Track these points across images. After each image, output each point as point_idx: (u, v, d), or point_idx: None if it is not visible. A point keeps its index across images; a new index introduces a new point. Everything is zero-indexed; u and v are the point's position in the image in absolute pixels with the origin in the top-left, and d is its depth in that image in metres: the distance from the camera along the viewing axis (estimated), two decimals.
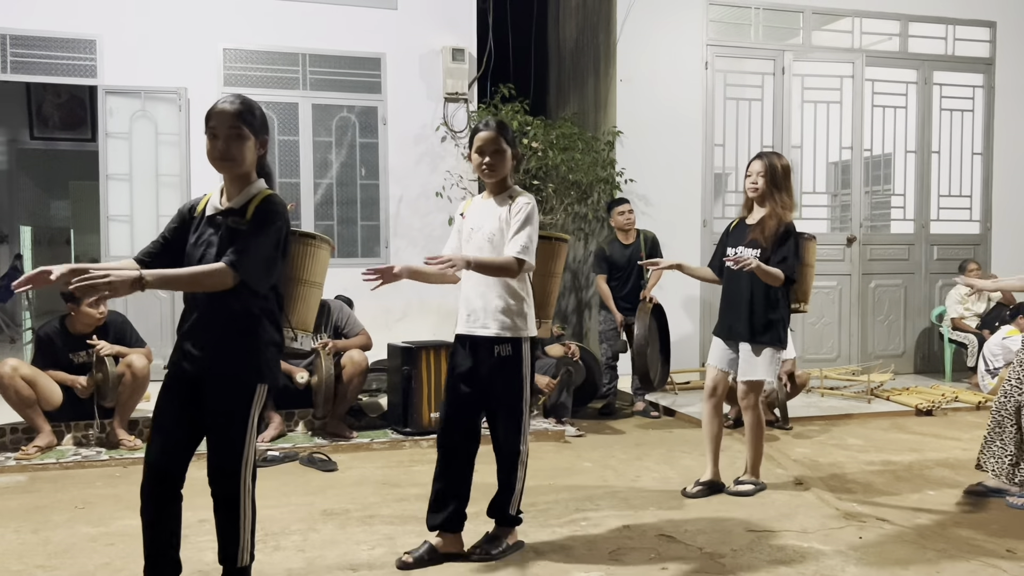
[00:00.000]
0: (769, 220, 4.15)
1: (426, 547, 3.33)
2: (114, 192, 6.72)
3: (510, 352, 3.29)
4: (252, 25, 6.92)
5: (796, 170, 8.08)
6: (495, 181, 3.32)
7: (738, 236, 4.30)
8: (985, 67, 8.42)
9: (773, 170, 4.17)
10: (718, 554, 3.43)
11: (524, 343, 3.32)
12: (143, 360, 5.01)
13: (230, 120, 2.63)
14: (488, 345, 3.29)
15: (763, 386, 4.30)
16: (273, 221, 2.66)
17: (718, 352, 4.34)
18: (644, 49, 7.55)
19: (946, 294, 8.07)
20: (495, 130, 3.28)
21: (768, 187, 4.17)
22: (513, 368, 3.32)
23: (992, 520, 3.88)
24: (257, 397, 2.73)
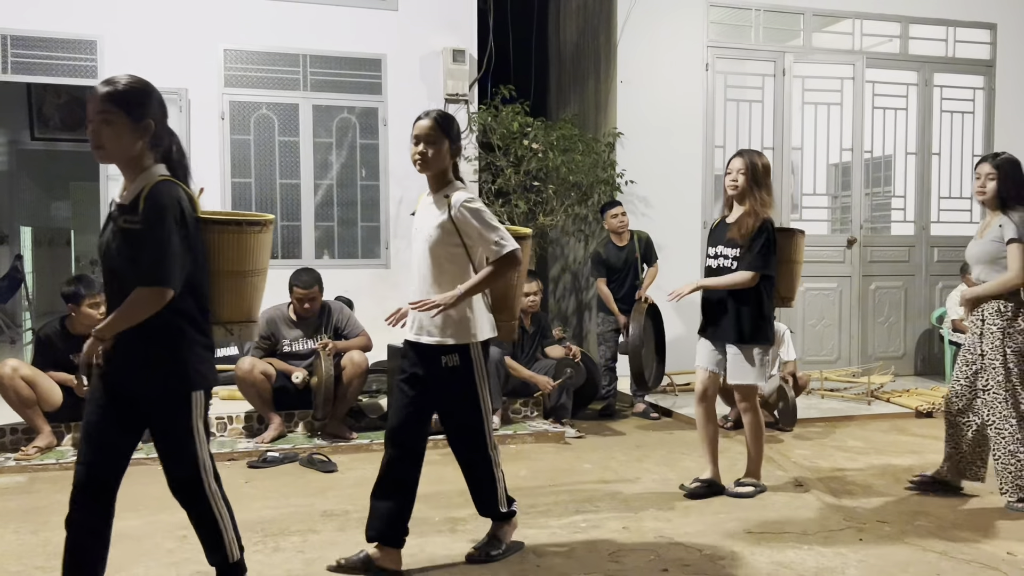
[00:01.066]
0: (747, 218, 4.11)
1: (362, 556, 3.21)
2: (115, 193, 6.68)
3: (458, 362, 3.14)
4: (253, 26, 6.92)
5: (796, 172, 8.10)
6: (430, 175, 3.17)
7: (718, 235, 4.27)
8: (986, 69, 8.42)
9: (754, 168, 4.13)
10: (718, 556, 3.42)
11: (473, 348, 3.16)
12: None
13: (98, 104, 2.38)
14: (434, 355, 3.15)
15: (758, 389, 4.28)
16: (163, 215, 2.39)
17: (705, 353, 4.30)
18: (644, 51, 7.55)
19: (946, 296, 8.07)
20: (433, 119, 3.12)
21: (748, 185, 4.13)
22: (464, 378, 3.16)
23: (992, 523, 3.88)
24: (195, 405, 2.57)
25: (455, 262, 3.15)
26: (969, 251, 4.20)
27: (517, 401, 6.02)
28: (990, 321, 4.03)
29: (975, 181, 4.19)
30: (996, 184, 4.06)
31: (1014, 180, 4.07)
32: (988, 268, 4.05)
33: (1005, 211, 4.02)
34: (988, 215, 4.15)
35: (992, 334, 4.01)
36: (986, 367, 4.04)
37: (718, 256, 4.21)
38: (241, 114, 6.94)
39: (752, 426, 4.29)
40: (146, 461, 4.91)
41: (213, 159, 6.87)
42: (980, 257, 4.09)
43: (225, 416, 5.48)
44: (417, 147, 3.11)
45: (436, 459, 5.09)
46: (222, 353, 6.59)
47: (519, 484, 4.55)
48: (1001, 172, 4.07)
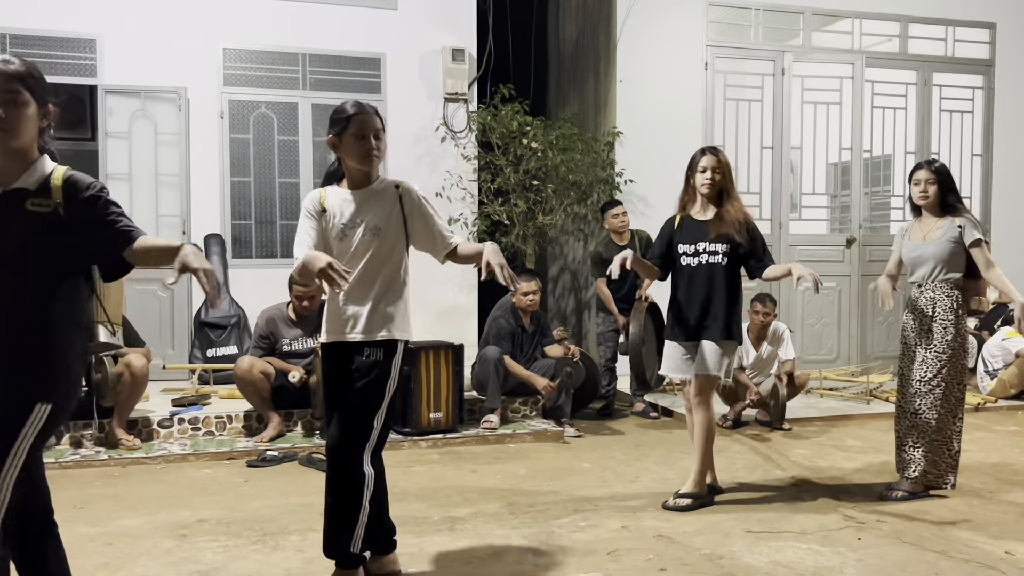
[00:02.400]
0: (734, 214, 4.05)
1: None
2: (113, 192, 6.51)
3: (380, 356, 2.93)
4: (252, 25, 6.92)
5: (796, 171, 8.10)
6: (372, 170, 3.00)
7: (694, 233, 4.10)
8: (985, 68, 8.43)
9: (727, 165, 4.13)
10: (717, 555, 3.42)
11: (398, 347, 2.98)
12: (142, 360, 5.01)
13: (5, 82, 2.19)
14: (359, 349, 2.94)
15: (715, 383, 4.14)
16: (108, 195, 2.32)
17: (674, 362, 4.19)
18: (644, 50, 7.55)
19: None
20: (375, 113, 2.98)
21: (723, 182, 4.08)
22: (379, 374, 2.92)
23: (991, 522, 3.88)
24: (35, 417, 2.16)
25: (398, 254, 3.01)
26: (919, 254, 4.29)
27: (516, 400, 6.02)
28: (943, 317, 4.20)
29: (914, 187, 4.36)
30: (936, 188, 4.27)
31: (951, 185, 4.33)
32: (942, 267, 4.22)
33: (951, 214, 4.25)
34: (926, 219, 4.32)
35: (945, 328, 4.19)
36: (928, 360, 4.22)
37: (701, 253, 4.06)
38: (240, 113, 6.94)
39: (702, 424, 4.11)
40: (144, 461, 4.92)
41: (212, 158, 6.88)
42: (939, 257, 4.22)
43: (224, 415, 5.48)
44: (374, 142, 2.94)
45: (435, 459, 5.10)
46: (222, 352, 6.61)
47: (518, 483, 4.55)
48: (940, 178, 4.30)
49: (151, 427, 5.32)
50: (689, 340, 4.13)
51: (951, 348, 4.20)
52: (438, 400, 5.48)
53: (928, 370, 4.22)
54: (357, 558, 2.96)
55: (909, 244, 4.36)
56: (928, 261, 4.25)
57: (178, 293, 6.79)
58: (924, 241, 4.28)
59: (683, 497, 4.06)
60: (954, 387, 4.25)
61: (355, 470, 2.89)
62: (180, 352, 6.76)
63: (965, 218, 4.21)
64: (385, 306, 2.95)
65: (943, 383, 4.21)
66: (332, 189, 3.05)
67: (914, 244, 4.32)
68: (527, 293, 5.87)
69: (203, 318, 6.68)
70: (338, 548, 2.94)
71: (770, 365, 6.12)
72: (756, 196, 7.90)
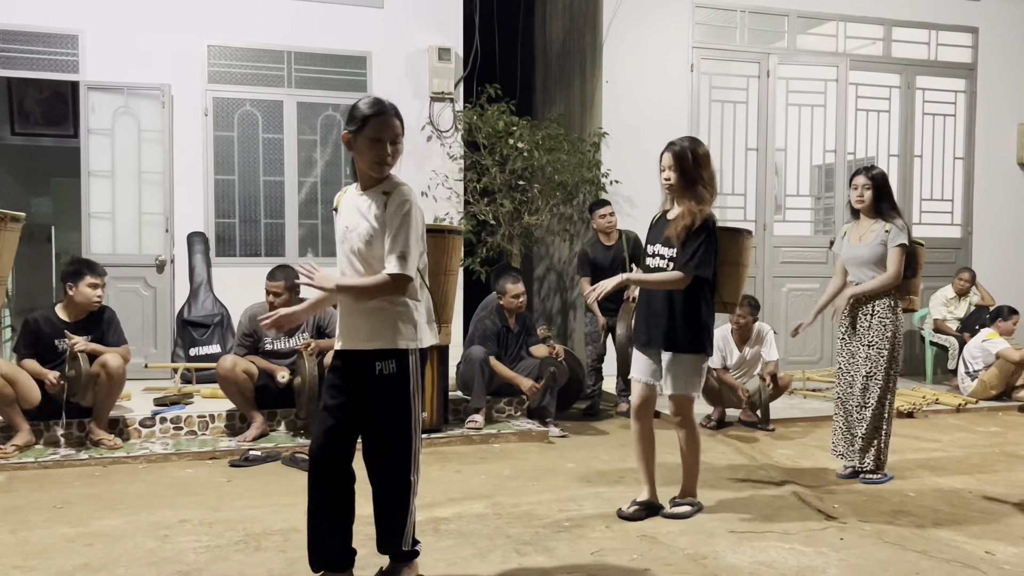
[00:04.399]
0: (683, 217, 3.78)
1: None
2: (96, 189, 6.66)
3: (394, 369, 2.84)
4: (237, 22, 6.88)
5: (780, 173, 8.14)
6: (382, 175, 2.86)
7: (657, 232, 3.96)
8: (967, 72, 8.50)
9: (683, 161, 3.79)
10: (700, 555, 3.43)
11: (411, 355, 2.87)
12: (118, 359, 4.96)
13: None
14: (368, 360, 2.84)
15: (693, 400, 3.95)
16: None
17: (641, 364, 3.99)
18: (630, 51, 7.57)
19: (928, 297, 8.14)
20: (398, 117, 2.84)
21: (680, 181, 3.81)
22: (398, 387, 2.86)
23: (971, 521, 3.91)
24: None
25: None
26: (854, 254, 4.57)
27: (501, 400, 6.02)
28: (882, 315, 4.48)
29: (852, 191, 4.60)
30: (872, 194, 4.51)
31: (887, 192, 4.56)
32: (874, 269, 4.49)
33: (884, 219, 4.50)
34: (862, 222, 4.60)
35: (884, 325, 4.47)
36: (872, 356, 4.49)
37: (655, 255, 3.89)
38: (225, 111, 6.90)
39: (688, 440, 3.99)
40: (126, 460, 4.88)
41: (196, 156, 6.83)
42: (870, 259, 4.50)
43: (207, 415, 5.44)
44: (390, 147, 2.80)
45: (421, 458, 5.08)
46: (205, 351, 6.57)
47: (502, 483, 4.55)
48: (876, 184, 4.52)
49: (133, 426, 5.28)
50: (649, 347, 3.94)
51: (891, 343, 4.48)
52: (430, 401, 5.46)
53: (874, 365, 4.50)
54: (410, 553, 3.06)
55: (848, 246, 4.65)
56: (863, 263, 4.55)
57: (160, 291, 6.74)
58: (860, 243, 4.57)
59: (679, 505, 4.00)
60: (894, 378, 4.55)
61: (405, 483, 2.95)
62: (163, 351, 6.71)
63: (894, 224, 4.49)
64: (383, 313, 2.84)
65: (887, 375, 4.50)
66: (351, 188, 2.97)
67: (852, 246, 4.62)
68: (514, 295, 5.87)
69: (186, 317, 6.64)
70: (393, 547, 3.03)
71: (754, 366, 6.15)
72: (741, 197, 7.94)
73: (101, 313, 5.17)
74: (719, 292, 3.97)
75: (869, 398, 4.52)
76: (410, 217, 2.78)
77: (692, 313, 3.80)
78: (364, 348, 2.85)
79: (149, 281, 6.73)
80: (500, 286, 5.95)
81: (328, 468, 2.93)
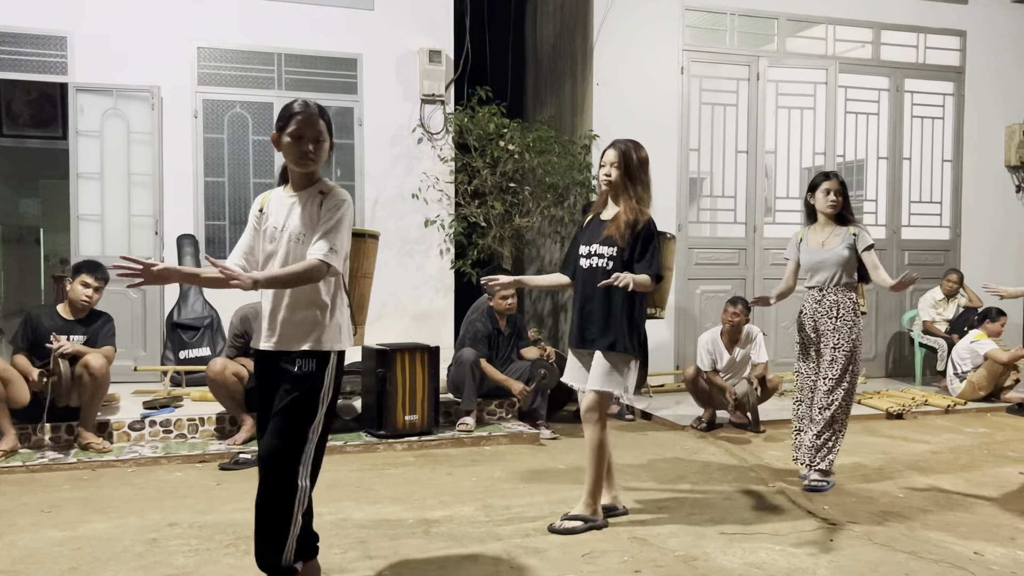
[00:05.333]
0: (625, 215, 3.75)
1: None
2: (84, 191, 6.63)
3: (312, 367, 2.84)
4: (227, 24, 6.86)
5: (770, 175, 8.17)
6: (308, 172, 2.88)
7: (592, 233, 3.86)
8: (955, 75, 8.55)
9: (627, 160, 3.76)
10: (691, 557, 3.44)
11: (332, 357, 2.88)
12: (101, 360, 4.94)
13: None
14: (289, 360, 2.85)
15: (611, 399, 3.81)
16: None
17: (574, 372, 3.93)
18: (621, 53, 7.58)
19: (917, 299, 8.18)
20: (317, 114, 2.85)
21: (622, 179, 3.78)
22: (311, 385, 2.84)
23: (960, 523, 3.93)
24: None
25: None
26: (819, 259, 4.54)
27: (492, 402, 6.01)
28: (846, 317, 4.46)
29: (823, 196, 4.58)
30: (841, 199, 4.56)
31: (847, 197, 4.61)
32: (841, 273, 4.49)
33: (846, 224, 4.54)
34: (821, 227, 4.59)
35: (850, 327, 4.45)
36: (837, 359, 4.46)
37: (591, 255, 3.79)
38: (215, 113, 6.88)
39: (594, 442, 3.79)
40: (115, 464, 4.85)
41: (186, 158, 6.81)
42: (839, 263, 4.49)
43: (197, 418, 5.42)
44: (306, 145, 2.82)
45: (410, 461, 5.08)
46: (195, 354, 6.54)
47: (493, 486, 4.54)
48: (843, 189, 4.58)
49: (122, 429, 5.25)
50: (581, 347, 3.86)
51: (854, 345, 4.48)
52: (413, 402, 5.46)
53: (838, 368, 4.47)
54: (289, 571, 2.89)
55: (808, 251, 4.61)
56: (829, 267, 4.51)
57: (150, 294, 6.71)
58: (823, 248, 4.54)
59: (571, 519, 3.78)
60: (855, 380, 4.54)
61: (288, 482, 2.83)
62: (152, 354, 6.68)
63: (859, 227, 4.53)
64: (311, 315, 2.85)
65: (851, 377, 4.49)
66: (278, 190, 2.99)
67: (812, 251, 4.59)
68: (504, 297, 5.87)
69: (175, 319, 6.61)
70: (268, 562, 2.89)
71: (743, 368, 6.16)
72: (731, 200, 7.96)
73: (99, 316, 5.22)
74: (650, 296, 3.95)
75: (833, 400, 4.47)
76: (345, 217, 2.84)
77: (630, 315, 3.76)
78: (288, 349, 2.85)
79: None
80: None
81: None
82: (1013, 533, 3.79)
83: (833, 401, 4.48)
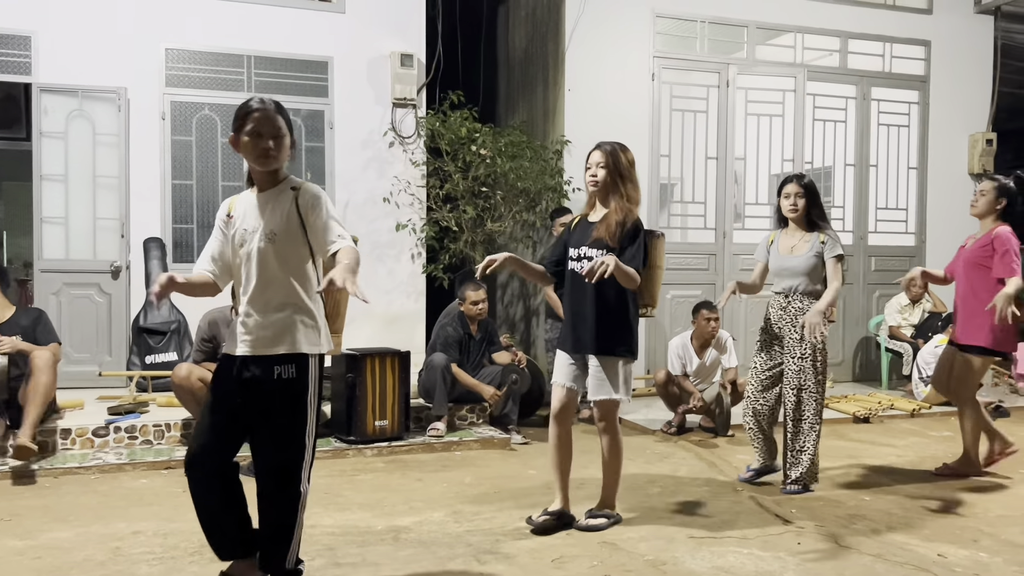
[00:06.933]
0: (615, 215, 3.73)
1: None
2: (48, 193, 6.51)
3: (293, 373, 2.79)
4: (196, 25, 6.78)
5: (740, 181, 8.24)
6: (268, 171, 2.82)
7: (581, 236, 3.85)
8: (920, 84, 8.70)
9: (615, 160, 3.77)
10: (660, 561, 3.45)
11: (312, 360, 2.84)
12: (45, 354, 4.86)
13: None
14: (267, 365, 2.78)
15: (619, 406, 3.84)
16: None
17: (563, 369, 3.89)
18: (592, 59, 7.61)
19: (884, 304, 8.29)
20: (274, 110, 2.79)
21: (610, 179, 3.77)
22: (296, 391, 2.81)
23: (924, 525, 3.99)
24: None
25: (297, 261, 2.82)
26: (786, 265, 4.53)
27: (463, 407, 6.00)
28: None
29: (784, 200, 4.56)
30: (805, 203, 4.50)
31: (818, 200, 4.56)
32: (807, 280, 4.47)
33: (816, 230, 4.50)
34: (791, 232, 4.57)
35: (815, 336, 4.35)
36: (805, 368, 4.44)
37: (581, 259, 3.78)
38: (183, 115, 6.80)
39: (611, 449, 3.88)
40: (78, 471, 4.77)
41: (153, 160, 6.72)
42: (805, 271, 4.47)
43: (163, 423, 5.34)
44: (265, 141, 2.75)
45: (380, 467, 5.05)
46: (161, 359, 6.45)
47: (464, 491, 4.53)
48: (808, 192, 4.52)
49: (85, 436, 5.16)
50: (575, 351, 3.86)
51: (821, 354, 4.46)
52: (384, 408, 5.43)
53: (806, 377, 4.46)
54: (293, 572, 2.91)
55: (776, 255, 4.59)
56: (796, 274, 4.50)
57: (115, 298, 6.61)
58: (791, 254, 4.53)
59: (595, 516, 3.91)
60: (823, 388, 4.52)
61: (293, 489, 2.82)
62: (118, 359, 6.58)
63: (828, 234, 4.49)
64: (287, 317, 2.79)
65: (819, 386, 4.47)
66: (245, 193, 2.93)
67: (781, 256, 4.56)
68: (475, 302, 5.86)
69: (142, 324, 6.51)
70: (274, 564, 2.88)
71: (713, 372, 6.20)
72: (701, 206, 8.02)
73: (29, 313, 5.10)
74: (640, 294, 3.89)
75: (805, 410, 4.46)
76: (329, 207, 2.81)
77: (623, 316, 3.76)
78: (266, 354, 2.79)
79: (104, 288, 6.60)
80: (462, 293, 5.94)
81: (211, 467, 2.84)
82: (976, 535, 3.85)
83: (804, 413, 4.47)
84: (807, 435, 4.48)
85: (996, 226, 4.79)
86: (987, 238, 4.78)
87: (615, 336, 3.75)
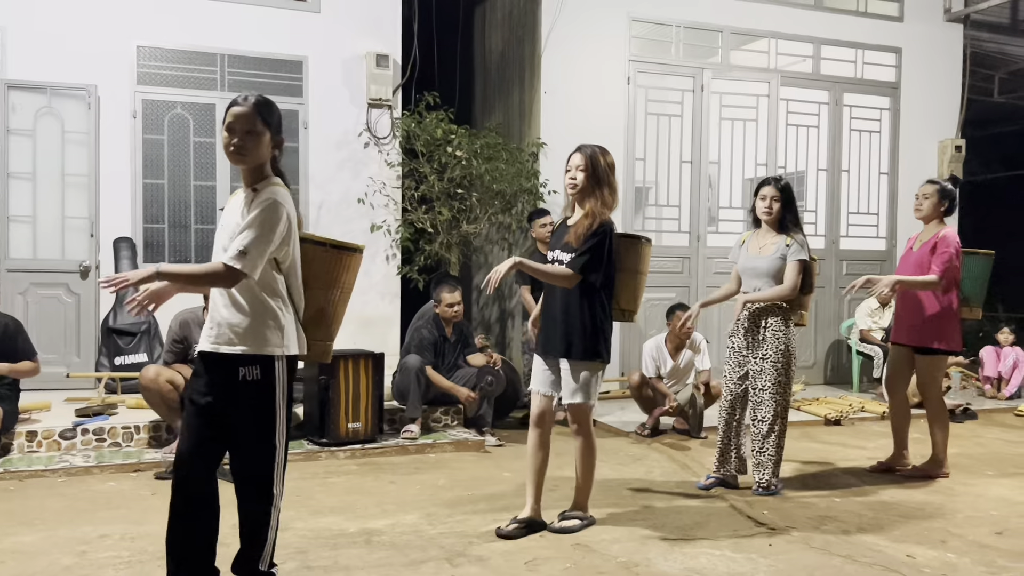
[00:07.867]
0: (585, 219, 3.73)
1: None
2: (16, 192, 6.40)
3: (258, 375, 2.75)
4: (168, 23, 6.70)
5: (714, 185, 8.29)
6: (246, 169, 2.79)
7: (557, 239, 3.90)
8: (891, 91, 8.81)
9: (594, 164, 3.77)
10: (633, 563, 3.45)
11: (278, 362, 2.78)
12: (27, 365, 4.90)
13: None
14: (231, 366, 2.75)
15: (591, 410, 3.85)
16: None
17: (539, 375, 3.92)
18: (568, 62, 7.63)
19: (855, 308, 8.38)
20: (252, 105, 2.75)
21: (588, 183, 3.77)
22: (263, 394, 2.77)
23: (894, 526, 4.03)
24: None
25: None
26: (752, 265, 4.56)
27: (437, 410, 5.97)
28: (775, 329, 4.45)
29: (760, 201, 4.59)
30: (780, 206, 4.52)
31: (793, 204, 4.58)
32: (771, 282, 4.49)
33: (787, 232, 4.50)
34: (763, 233, 4.59)
35: (777, 339, 4.43)
36: (766, 369, 4.46)
37: (554, 262, 3.80)
38: (154, 113, 6.72)
39: (584, 451, 3.89)
40: (44, 474, 4.69)
41: (124, 159, 6.63)
42: (769, 272, 4.48)
43: (132, 426, 5.27)
44: (233, 138, 2.73)
45: (353, 470, 5.02)
46: (131, 361, 6.36)
47: (437, 493, 4.51)
48: (784, 195, 4.55)
49: (52, 438, 5.07)
50: (547, 354, 3.87)
51: (784, 356, 4.46)
52: (357, 410, 5.39)
53: (768, 379, 4.47)
54: (266, 575, 2.89)
55: (745, 255, 4.62)
56: (760, 275, 4.52)
57: (84, 298, 6.51)
58: (759, 255, 4.55)
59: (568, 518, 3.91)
60: (788, 390, 4.54)
61: (265, 493, 2.80)
62: (86, 360, 6.47)
63: (795, 238, 4.49)
64: (250, 317, 2.75)
65: (783, 388, 4.48)
66: (239, 190, 2.93)
67: (750, 256, 4.59)
68: (451, 304, 5.84)
69: (111, 325, 6.42)
70: (248, 567, 2.85)
71: (687, 374, 6.23)
72: (675, 209, 8.06)
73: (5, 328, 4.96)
74: (617, 299, 3.89)
75: (766, 414, 4.48)
76: (266, 216, 2.68)
77: (587, 319, 3.73)
78: (228, 352, 2.75)
79: (72, 288, 6.49)
80: (437, 295, 5.92)
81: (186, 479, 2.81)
82: (944, 536, 3.90)
83: (766, 415, 4.49)
84: (767, 437, 4.50)
85: (941, 228, 4.92)
86: (933, 240, 4.89)
87: (581, 339, 3.73)
